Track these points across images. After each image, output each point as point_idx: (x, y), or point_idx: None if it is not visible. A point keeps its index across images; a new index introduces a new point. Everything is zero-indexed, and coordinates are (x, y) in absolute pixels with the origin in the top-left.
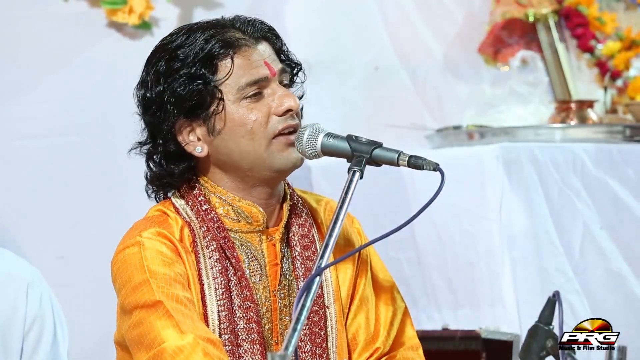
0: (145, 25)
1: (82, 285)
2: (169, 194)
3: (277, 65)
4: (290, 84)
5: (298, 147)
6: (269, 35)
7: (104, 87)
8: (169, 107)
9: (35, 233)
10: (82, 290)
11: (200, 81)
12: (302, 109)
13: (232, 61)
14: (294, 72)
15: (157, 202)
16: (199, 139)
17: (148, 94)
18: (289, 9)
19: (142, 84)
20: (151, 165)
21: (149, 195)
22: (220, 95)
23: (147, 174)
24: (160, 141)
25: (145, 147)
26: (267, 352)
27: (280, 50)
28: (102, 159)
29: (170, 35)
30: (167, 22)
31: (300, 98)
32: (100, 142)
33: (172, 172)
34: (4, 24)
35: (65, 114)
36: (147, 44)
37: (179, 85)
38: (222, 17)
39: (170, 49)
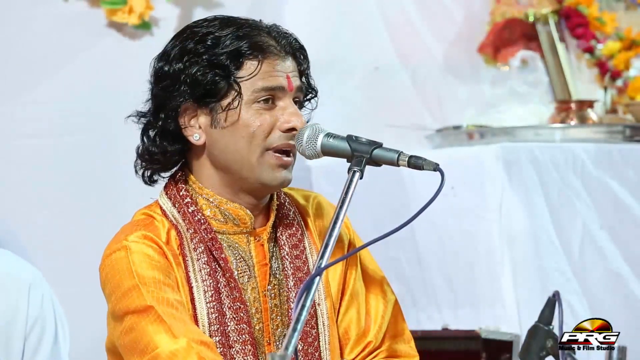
0: (145, 25)
1: (83, 285)
2: (157, 197)
3: (297, 82)
4: (300, 105)
5: (298, 147)
6: (298, 54)
7: (104, 87)
8: (183, 87)
9: (36, 233)
10: (83, 290)
11: (222, 72)
12: None
13: (260, 64)
14: (308, 97)
15: (145, 182)
16: (199, 127)
17: (166, 68)
18: (289, 9)
19: (164, 56)
20: (145, 139)
21: (136, 172)
22: (238, 90)
23: (138, 147)
24: (162, 115)
25: (145, 119)
26: (258, 353)
27: (303, 72)
28: (102, 159)
29: (205, 20)
30: (167, 22)
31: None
32: (100, 142)
33: (165, 149)
34: (4, 24)
35: (65, 114)
36: (147, 44)
37: (199, 69)
38: (260, 20)
39: (201, 32)
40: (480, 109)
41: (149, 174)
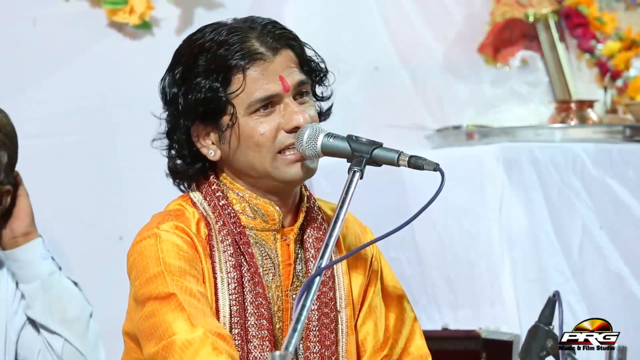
0: (145, 26)
1: (82, 284)
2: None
3: (294, 78)
4: (313, 94)
5: (298, 147)
6: (292, 43)
7: (104, 87)
8: (185, 111)
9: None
10: (84, 288)
11: (212, 93)
12: (331, 107)
13: (244, 76)
14: (319, 78)
15: (181, 190)
16: (212, 143)
17: (169, 94)
18: (289, 9)
19: (165, 79)
20: (170, 157)
21: (174, 184)
22: (232, 110)
23: (168, 164)
24: (176, 138)
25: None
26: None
27: (304, 60)
28: (103, 159)
29: (201, 32)
30: (168, 22)
31: (328, 98)
32: (101, 142)
33: (186, 172)
34: (5, 24)
35: (66, 114)
36: (148, 44)
37: (193, 93)
38: (253, 17)
39: (193, 52)
40: (480, 109)
41: (186, 184)
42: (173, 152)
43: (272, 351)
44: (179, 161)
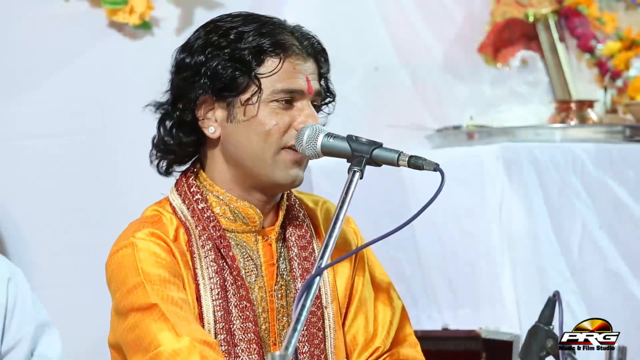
0: (145, 25)
1: (80, 286)
2: (168, 192)
3: (315, 86)
4: (317, 109)
5: (298, 147)
6: (319, 56)
7: (104, 87)
8: (203, 79)
9: (37, 233)
10: (80, 291)
11: (243, 67)
12: None
13: (281, 62)
14: (326, 101)
15: (159, 172)
16: (215, 120)
17: (188, 59)
18: (289, 9)
19: (186, 47)
20: (161, 129)
21: (151, 162)
22: (259, 86)
23: (154, 137)
24: (180, 106)
25: (163, 109)
26: (264, 352)
27: (322, 75)
28: (102, 159)
29: (229, 15)
30: (168, 22)
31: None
32: (100, 142)
33: (180, 140)
34: (4, 24)
35: (65, 114)
36: (148, 44)
37: (219, 62)
38: (285, 20)
39: (225, 27)
40: (480, 109)
41: (164, 165)
42: (169, 121)
43: (260, 353)
44: (174, 129)
